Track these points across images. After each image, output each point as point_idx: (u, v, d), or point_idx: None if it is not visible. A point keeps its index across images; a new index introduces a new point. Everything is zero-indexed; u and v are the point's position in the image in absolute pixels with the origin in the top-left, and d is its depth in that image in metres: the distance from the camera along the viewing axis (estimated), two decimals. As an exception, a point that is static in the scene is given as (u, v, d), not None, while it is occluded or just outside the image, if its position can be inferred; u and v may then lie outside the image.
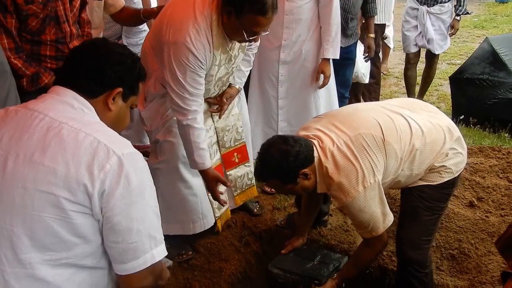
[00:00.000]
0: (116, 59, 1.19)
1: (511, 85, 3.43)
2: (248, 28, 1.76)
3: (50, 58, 1.84)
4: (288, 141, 1.70)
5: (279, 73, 2.59)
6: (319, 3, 2.48)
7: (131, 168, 1.06)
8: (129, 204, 1.06)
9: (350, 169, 1.67)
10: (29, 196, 1.03)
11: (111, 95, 1.18)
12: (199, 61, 1.81)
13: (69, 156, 1.04)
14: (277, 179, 1.73)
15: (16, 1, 1.65)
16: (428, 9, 3.80)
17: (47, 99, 1.15)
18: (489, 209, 2.50)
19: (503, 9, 8.57)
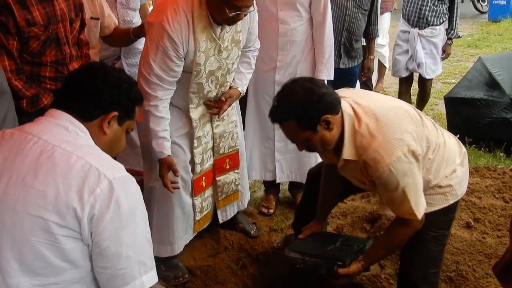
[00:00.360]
0: (113, 83, 1.21)
1: (506, 104, 3.46)
2: (228, 2, 1.73)
3: (50, 79, 1.85)
4: (315, 80, 1.56)
5: (275, 94, 2.60)
6: (313, 25, 2.52)
7: (122, 192, 1.06)
8: (119, 229, 1.05)
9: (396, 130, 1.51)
10: (19, 219, 1.03)
11: (106, 119, 1.19)
12: (174, 43, 1.78)
13: (60, 180, 1.04)
14: (295, 120, 1.54)
15: (18, 24, 1.67)
16: (419, 31, 3.73)
17: (42, 122, 1.16)
18: (485, 230, 2.50)
19: (496, 28, 8.69)
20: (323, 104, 1.51)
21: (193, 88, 1.97)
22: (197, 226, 2.26)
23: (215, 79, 2.01)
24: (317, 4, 2.44)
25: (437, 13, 3.64)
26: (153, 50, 1.80)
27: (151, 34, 1.81)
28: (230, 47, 1.98)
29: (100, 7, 2.27)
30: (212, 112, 2.08)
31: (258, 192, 3.09)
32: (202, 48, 1.86)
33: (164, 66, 1.82)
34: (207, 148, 2.15)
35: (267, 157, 2.76)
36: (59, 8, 1.80)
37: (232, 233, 2.53)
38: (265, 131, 2.71)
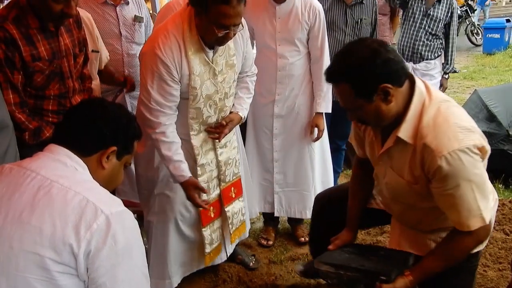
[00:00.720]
0: (112, 118, 1.23)
1: (503, 136, 3.48)
2: (216, 21, 1.75)
3: (52, 113, 1.87)
4: (385, 43, 1.37)
5: (274, 127, 2.64)
6: (310, 60, 2.57)
7: (118, 227, 1.06)
8: (115, 265, 1.05)
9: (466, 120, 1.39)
10: (14, 256, 1.02)
11: (105, 153, 1.20)
12: (167, 67, 1.82)
13: (57, 216, 1.04)
14: (351, 83, 1.37)
15: (24, 59, 1.70)
16: (414, 66, 3.70)
17: (40, 157, 1.17)
18: (486, 263, 2.48)
19: (491, 60, 8.87)
20: (385, 70, 1.33)
21: (191, 114, 1.98)
22: (207, 259, 2.21)
23: (214, 103, 2.02)
24: (314, 40, 2.50)
25: (431, 47, 3.66)
26: (149, 77, 1.84)
27: (145, 63, 1.87)
28: (225, 71, 2.01)
29: (99, 40, 2.34)
30: (213, 137, 2.08)
31: (257, 223, 3.07)
32: (197, 71, 1.89)
33: (162, 91, 1.85)
34: (212, 176, 2.14)
35: (267, 189, 2.76)
36: (63, 44, 1.84)
37: (231, 265, 2.51)
38: (265, 164, 2.72)
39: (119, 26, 2.64)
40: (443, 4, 3.55)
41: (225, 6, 1.72)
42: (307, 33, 2.49)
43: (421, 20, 3.59)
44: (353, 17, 2.88)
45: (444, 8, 3.56)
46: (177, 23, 1.84)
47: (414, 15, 3.61)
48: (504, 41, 9.77)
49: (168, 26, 1.85)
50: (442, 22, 3.57)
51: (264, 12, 2.46)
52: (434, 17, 3.55)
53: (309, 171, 2.68)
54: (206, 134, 2.07)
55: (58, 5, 1.67)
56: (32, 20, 1.72)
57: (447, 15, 3.57)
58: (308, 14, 2.45)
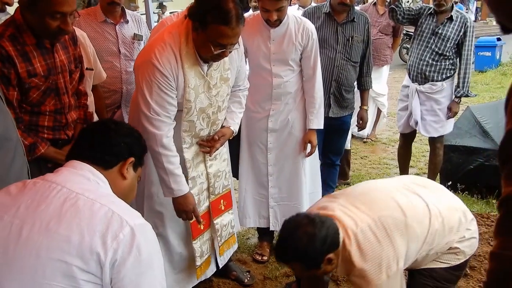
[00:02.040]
0: (125, 132, 1.33)
1: (495, 152, 3.50)
2: (213, 40, 1.77)
3: (48, 129, 1.88)
4: (315, 223, 1.58)
5: (268, 141, 2.66)
6: (303, 77, 2.60)
7: (142, 238, 1.10)
8: (139, 275, 1.09)
9: (374, 256, 1.59)
10: (41, 265, 1.05)
11: (125, 164, 1.29)
12: (165, 77, 1.82)
13: (84, 225, 1.07)
14: (301, 263, 1.62)
15: (20, 75, 1.71)
16: (418, 87, 3.43)
17: (64, 172, 1.22)
18: (482, 278, 2.48)
19: (483, 77, 9.00)
20: (325, 248, 1.58)
21: (184, 127, 1.98)
22: (198, 272, 2.21)
23: (207, 117, 2.03)
24: (307, 59, 2.54)
25: (437, 68, 3.35)
26: (147, 87, 1.83)
27: (142, 74, 1.84)
28: (219, 85, 2.02)
29: (94, 59, 2.36)
30: (204, 151, 2.08)
31: (252, 239, 3.06)
32: (192, 84, 1.89)
33: (161, 101, 1.85)
34: (202, 188, 2.14)
35: (261, 204, 2.77)
36: (59, 60, 1.85)
37: (226, 281, 2.49)
38: (259, 178, 2.73)
39: (118, 44, 2.68)
40: (455, 23, 3.27)
41: (224, 27, 1.73)
42: (300, 53, 2.53)
43: (428, 39, 3.34)
44: (344, 35, 2.93)
45: (456, 26, 3.27)
46: (174, 35, 1.85)
47: (423, 33, 3.37)
48: (495, 59, 9.94)
49: (165, 37, 1.85)
50: (452, 42, 3.28)
51: (258, 34, 2.49)
52: (443, 36, 3.28)
53: (302, 184, 2.70)
54: (197, 147, 2.08)
55: (55, 22, 1.69)
56: (28, 37, 1.73)
57: (459, 34, 3.27)
58: (302, 36, 2.49)
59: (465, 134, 3.82)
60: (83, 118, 2.08)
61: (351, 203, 1.70)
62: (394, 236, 1.60)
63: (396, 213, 1.65)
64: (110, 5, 2.63)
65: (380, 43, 4.62)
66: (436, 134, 3.52)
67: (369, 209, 1.66)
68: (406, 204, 1.69)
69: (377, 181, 1.88)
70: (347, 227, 1.62)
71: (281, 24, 2.46)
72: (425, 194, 1.78)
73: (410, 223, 1.65)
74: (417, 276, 1.82)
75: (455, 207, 1.81)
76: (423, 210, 1.71)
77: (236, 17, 1.73)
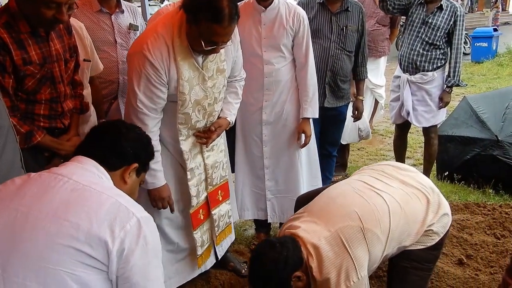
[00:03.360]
0: (134, 137, 1.38)
1: (492, 142, 3.53)
2: (205, 36, 1.74)
3: (44, 117, 1.86)
4: (276, 247, 1.67)
5: (263, 134, 2.64)
6: (296, 66, 2.59)
7: (148, 230, 1.15)
8: (146, 265, 1.13)
9: (332, 268, 1.64)
10: (48, 250, 1.06)
11: (128, 169, 1.33)
12: (156, 69, 1.80)
13: (93, 214, 1.10)
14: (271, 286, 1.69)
15: (15, 62, 1.70)
16: (409, 77, 3.43)
17: (69, 166, 1.25)
18: (478, 266, 2.49)
19: (479, 68, 9.01)
20: (288, 268, 1.65)
21: (180, 119, 1.97)
22: (200, 262, 2.22)
23: (202, 108, 2.01)
24: (299, 46, 2.53)
25: (428, 58, 3.35)
26: (136, 78, 1.82)
27: (133, 64, 1.83)
28: (216, 76, 2.00)
29: (91, 51, 2.34)
30: (201, 142, 2.08)
31: (249, 230, 3.07)
32: (185, 77, 1.87)
33: (149, 92, 1.83)
34: (201, 179, 2.14)
35: (259, 196, 2.77)
36: (54, 49, 1.84)
37: (223, 272, 2.50)
38: (255, 171, 2.73)
39: (114, 34, 2.65)
40: (445, 12, 3.29)
41: (216, 25, 1.70)
42: (292, 39, 2.52)
43: (418, 29, 3.35)
44: (338, 25, 2.91)
45: (446, 15, 3.28)
46: (168, 26, 1.82)
47: (413, 23, 3.37)
48: (491, 50, 9.95)
49: (158, 28, 1.82)
50: (442, 31, 3.29)
51: (249, 19, 2.49)
52: (433, 25, 3.29)
53: (299, 177, 2.69)
54: (194, 138, 2.07)
55: (50, 11, 1.67)
56: (23, 25, 1.72)
57: (449, 23, 3.28)
58: (293, 20, 2.48)
59: (462, 124, 3.83)
60: (79, 108, 2.06)
61: (311, 219, 1.76)
62: (353, 247, 1.64)
63: (353, 222, 1.69)
64: None
65: (377, 34, 4.59)
66: (428, 124, 3.52)
67: (326, 223, 1.71)
68: (363, 207, 1.73)
69: (337, 188, 1.90)
70: (307, 244, 1.68)
71: (272, 8, 2.46)
72: (384, 189, 1.80)
73: (368, 227, 1.68)
74: (396, 261, 1.86)
75: (416, 195, 1.83)
76: (382, 208, 1.73)
77: (229, 16, 1.69)
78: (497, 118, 3.65)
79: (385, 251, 1.73)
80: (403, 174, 1.92)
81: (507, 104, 3.71)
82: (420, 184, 1.88)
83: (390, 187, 1.83)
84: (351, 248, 1.63)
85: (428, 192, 1.86)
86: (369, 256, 1.67)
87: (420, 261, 1.83)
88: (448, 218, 1.88)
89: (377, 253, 1.70)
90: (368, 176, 1.92)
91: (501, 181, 3.46)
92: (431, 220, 1.80)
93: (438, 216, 1.82)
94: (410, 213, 1.77)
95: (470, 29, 11.86)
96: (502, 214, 3.01)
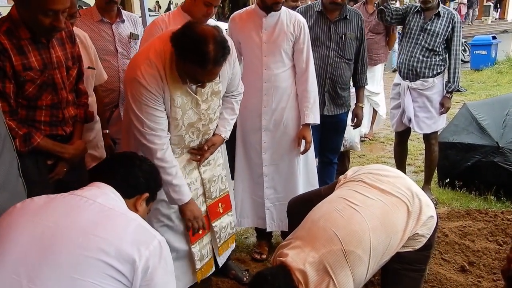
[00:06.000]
0: (146, 169, 1.48)
1: (493, 148, 3.53)
2: (190, 75, 1.79)
3: (45, 124, 1.87)
4: (267, 280, 1.70)
5: (262, 140, 2.65)
6: (296, 72, 2.60)
7: (167, 251, 1.24)
8: (167, 284, 1.23)
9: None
10: (78, 262, 1.11)
11: (141, 198, 1.43)
12: (152, 94, 1.82)
13: (121, 232, 1.18)
14: None
15: (15, 68, 1.72)
16: (409, 84, 3.43)
17: (91, 190, 1.31)
18: (481, 273, 2.48)
19: (479, 76, 9.04)
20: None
21: (173, 141, 1.98)
22: (199, 275, 2.20)
23: (196, 130, 2.02)
24: (300, 52, 2.55)
25: (427, 64, 3.37)
26: (137, 105, 1.84)
27: (130, 91, 1.86)
28: (210, 99, 2.01)
29: (96, 60, 2.36)
30: (194, 159, 2.09)
31: (250, 238, 3.06)
32: (178, 103, 1.89)
33: (151, 117, 1.86)
34: (197, 194, 2.14)
35: (258, 204, 2.76)
36: (55, 56, 1.85)
37: (224, 280, 2.48)
38: (254, 179, 2.73)
39: (115, 43, 2.68)
40: (442, 18, 3.32)
41: (200, 69, 1.73)
42: (292, 45, 2.54)
43: (417, 36, 3.37)
44: (337, 33, 2.93)
45: (445, 22, 3.32)
46: (160, 53, 1.83)
47: (411, 30, 3.40)
48: (491, 57, 9.98)
49: (150, 55, 1.83)
50: (441, 37, 3.32)
51: (251, 24, 2.52)
52: (432, 32, 3.32)
53: (298, 184, 2.69)
54: (189, 155, 2.08)
55: (47, 18, 1.69)
56: (23, 32, 1.74)
57: (447, 29, 3.31)
58: (293, 26, 2.51)
59: (462, 131, 3.83)
60: (83, 117, 2.07)
61: (298, 245, 1.79)
62: (336, 272, 1.67)
63: (335, 246, 1.71)
64: (108, 4, 2.64)
65: (371, 42, 4.59)
66: (429, 131, 3.54)
67: (312, 249, 1.73)
68: (344, 230, 1.74)
69: (321, 209, 1.91)
70: (295, 271, 1.71)
71: (273, 14, 2.49)
72: (363, 204, 1.81)
73: (350, 249, 1.70)
74: (388, 264, 1.86)
75: (396, 205, 1.82)
76: (361, 227, 1.74)
77: (213, 60, 1.69)
78: (498, 125, 3.66)
79: (369, 269, 1.74)
80: (383, 181, 1.91)
81: (507, 111, 3.71)
82: (400, 191, 1.87)
83: (369, 199, 1.83)
84: (334, 273, 1.66)
85: (408, 199, 1.85)
86: (352, 278, 1.69)
87: (411, 262, 1.84)
88: (432, 220, 1.87)
89: (361, 273, 1.72)
90: (348, 190, 1.92)
91: (502, 188, 3.45)
92: (412, 227, 1.81)
93: (421, 223, 1.82)
94: (390, 225, 1.78)
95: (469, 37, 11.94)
96: (504, 220, 3.00)
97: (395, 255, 1.82)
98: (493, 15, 21.13)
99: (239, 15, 2.64)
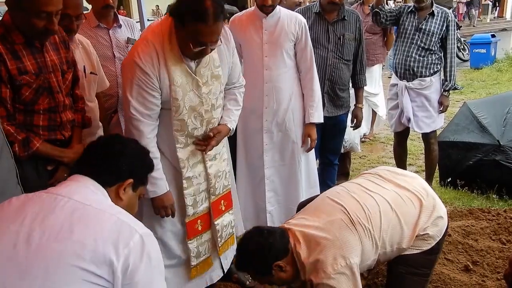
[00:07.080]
0: (129, 153, 1.36)
1: (494, 147, 3.52)
2: (192, 38, 1.76)
3: (43, 129, 1.86)
4: (263, 233, 1.75)
5: (264, 142, 2.65)
6: (300, 72, 2.60)
7: (150, 246, 1.16)
8: (151, 281, 1.15)
9: (320, 251, 1.67)
10: (54, 270, 1.06)
11: (122, 186, 1.32)
12: (147, 75, 1.81)
13: (97, 233, 1.11)
14: (252, 270, 1.81)
15: (11, 72, 1.71)
16: (407, 84, 3.44)
17: (69, 185, 1.25)
18: (485, 273, 2.46)
19: (479, 75, 9.02)
20: (271, 255, 1.73)
21: (176, 126, 1.95)
22: (193, 272, 2.16)
23: (199, 115, 1.99)
24: (303, 52, 2.56)
25: (424, 63, 3.38)
26: (129, 85, 1.84)
27: (125, 73, 1.87)
28: (211, 82, 1.99)
29: (98, 67, 2.36)
30: (200, 149, 2.05)
31: (252, 241, 3.04)
32: (178, 82, 1.87)
33: (141, 98, 1.84)
34: (199, 189, 2.11)
35: (260, 207, 2.76)
36: (50, 60, 1.85)
37: (227, 284, 2.47)
38: (256, 182, 2.72)
39: (113, 48, 2.67)
40: (437, 17, 3.34)
41: (201, 24, 1.72)
42: (293, 45, 2.54)
43: (412, 35, 3.39)
44: (335, 34, 2.93)
45: (439, 21, 3.34)
46: (157, 33, 1.85)
47: (406, 30, 3.42)
48: (490, 56, 9.97)
49: (148, 35, 1.86)
50: (436, 36, 3.34)
51: (251, 25, 2.52)
52: (427, 31, 3.33)
53: (299, 186, 2.69)
54: (193, 147, 2.04)
55: (41, 21, 1.69)
56: (16, 36, 1.74)
57: (442, 28, 3.34)
58: (294, 26, 2.52)
59: (463, 130, 3.81)
60: (81, 122, 2.06)
61: (303, 216, 1.82)
62: (342, 233, 1.68)
63: (342, 215, 1.74)
64: (104, 9, 2.63)
65: (368, 43, 4.55)
66: (428, 130, 3.55)
67: (318, 218, 1.77)
68: (354, 206, 1.77)
69: (332, 190, 1.95)
70: (296, 231, 1.73)
71: (273, 14, 2.49)
72: (377, 190, 1.84)
73: (358, 221, 1.72)
74: (394, 267, 1.87)
75: (410, 198, 1.84)
76: (372, 207, 1.77)
77: (213, 15, 1.72)
78: (498, 123, 3.64)
79: (378, 249, 1.74)
80: (399, 178, 1.94)
81: (507, 109, 3.70)
82: (415, 187, 1.89)
83: (383, 189, 1.85)
84: (341, 233, 1.67)
85: (422, 195, 1.86)
86: (361, 247, 1.68)
87: (416, 266, 1.84)
88: (443, 221, 1.88)
89: (369, 248, 1.71)
90: (363, 179, 1.97)
91: (504, 186, 3.44)
92: (424, 223, 1.81)
93: (432, 219, 1.83)
94: (402, 215, 1.79)
95: (468, 36, 11.94)
96: (507, 219, 2.99)
97: (401, 258, 1.81)
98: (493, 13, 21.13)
99: (238, 17, 2.65)
